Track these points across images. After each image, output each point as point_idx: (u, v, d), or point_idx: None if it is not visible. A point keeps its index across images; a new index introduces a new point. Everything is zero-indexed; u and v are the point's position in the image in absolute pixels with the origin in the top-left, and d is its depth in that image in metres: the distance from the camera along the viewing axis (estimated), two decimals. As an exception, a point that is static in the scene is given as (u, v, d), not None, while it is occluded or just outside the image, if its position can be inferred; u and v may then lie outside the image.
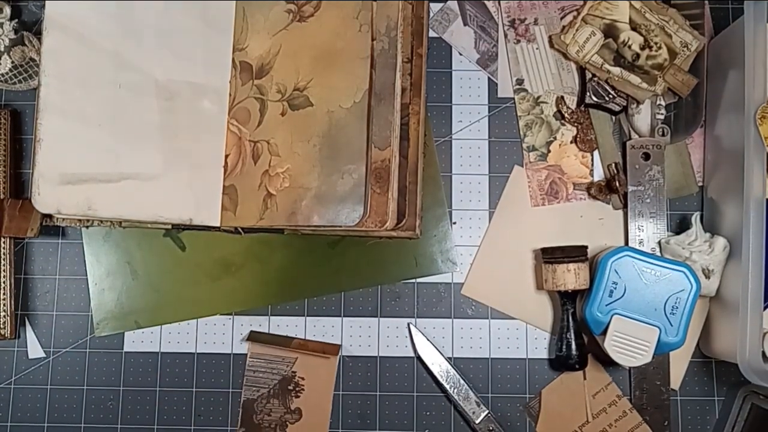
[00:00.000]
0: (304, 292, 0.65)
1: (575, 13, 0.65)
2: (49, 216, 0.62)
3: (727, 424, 0.61)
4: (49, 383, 0.64)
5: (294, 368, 0.59)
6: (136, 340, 0.65)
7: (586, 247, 0.61)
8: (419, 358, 0.64)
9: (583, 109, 0.65)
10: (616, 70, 0.63)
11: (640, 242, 0.63)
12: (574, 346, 0.61)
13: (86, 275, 0.65)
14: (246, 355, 0.62)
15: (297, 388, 0.59)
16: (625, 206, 0.64)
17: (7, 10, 0.63)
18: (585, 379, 0.63)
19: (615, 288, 0.58)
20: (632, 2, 0.63)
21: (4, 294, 0.63)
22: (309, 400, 0.58)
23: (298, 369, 0.59)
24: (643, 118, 0.64)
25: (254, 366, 0.59)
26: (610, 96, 0.64)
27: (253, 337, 0.63)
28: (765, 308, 0.56)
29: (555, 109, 0.66)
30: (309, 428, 0.59)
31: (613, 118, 0.65)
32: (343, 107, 0.54)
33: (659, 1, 0.64)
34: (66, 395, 0.64)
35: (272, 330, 0.65)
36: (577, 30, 0.64)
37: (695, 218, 0.62)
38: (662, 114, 0.63)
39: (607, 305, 0.58)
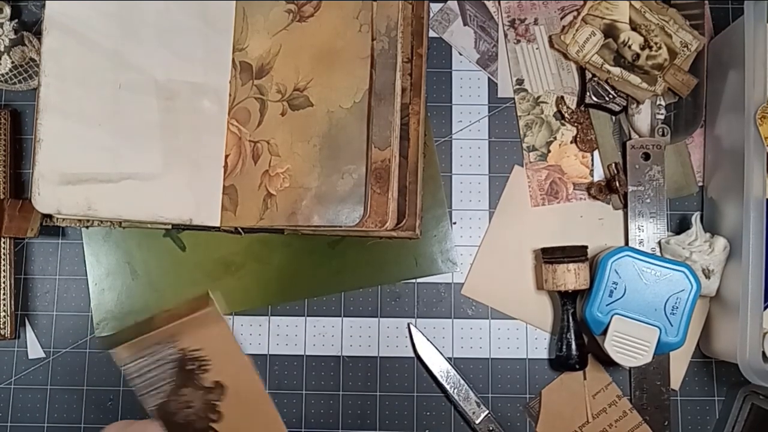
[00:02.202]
0: (304, 292, 0.65)
1: (575, 13, 0.65)
2: (49, 216, 0.62)
3: (727, 424, 0.61)
4: (48, 383, 0.64)
5: (180, 345, 0.49)
6: (136, 340, 0.65)
7: (586, 247, 0.61)
8: (419, 359, 0.64)
9: (583, 109, 0.65)
10: (616, 70, 0.63)
11: (640, 242, 0.63)
12: (574, 346, 0.61)
13: (86, 275, 0.65)
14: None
15: (199, 363, 0.49)
16: (625, 206, 0.64)
17: (7, 10, 0.63)
18: (585, 379, 0.63)
19: (615, 288, 0.58)
20: (632, 2, 0.63)
21: (4, 294, 0.63)
22: (221, 367, 0.49)
23: (185, 343, 0.49)
24: (643, 118, 0.64)
25: (135, 371, 0.50)
26: (610, 96, 0.64)
27: (110, 341, 0.53)
28: (765, 308, 0.56)
29: (555, 109, 0.66)
30: (243, 395, 0.50)
31: (613, 118, 0.65)
32: (343, 107, 0.54)
33: (659, 1, 0.64)
34: (66, 395, 0.64)
35: (272, 330, 0.65)
36: (577, 30, 0.64)
37: (695, 218, 0.62)
38: (662, 114, 0.63)
39: (607, 305, 0.58)
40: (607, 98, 0.64)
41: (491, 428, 0.62)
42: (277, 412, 0.46)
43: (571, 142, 0.66)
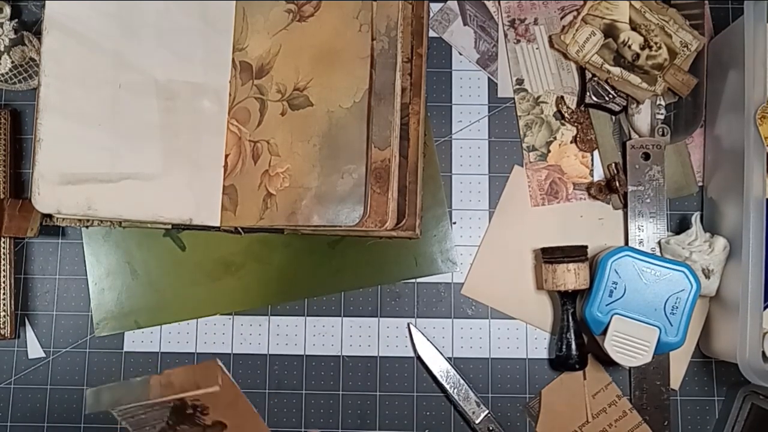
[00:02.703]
0: (304, 292, 0.65)
1: (575, 13, 0.65)
2: (49, 216, 0.62)
3: (727, 424, 0.61)
4: (48, 383, 0.64)
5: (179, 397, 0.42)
6: (136, 340, 0.65)
7: (586, 247, 0.61)
8: (419, 358, 0.64)
9: (583, 109, 0.65)
10: (616, 70, 0.63)
11: (640, 242, 0.63)
12: (574, 346, 0.61)
13: (86, 275, 0.65)
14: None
15: (198, 410, 0.43)
16: (625, 206, 0.64)
17: (7, 10, 0.63)
18: (585, 379, 0.63)
19: (615, 288, 0.58)
20: (632, 2, 0.63)
21: (4, 294, 0.63)
22: (223, 411, 0.43)
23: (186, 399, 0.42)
24: (643, 118, 0.64)
25: (126, 413, 0.42)
26: (610, 96, 0.64)
27: (97, 400, 0.43)
28: (765, 308, 0.56)
29: (555, 109, 0.66)
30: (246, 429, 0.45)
31: (613, 118, 0.65)
32: (343, 107, 0.54)
33: (659, 1, 0.64)
34: (66, 395, 0.64)
35: (272, 330, 0.65)
36: (577, 30, 0.64)
37: (695, 218, 0.62)
38: (662, 114, 0.63)
39: (607, 305, 0.58)
40: (607, 98, 0.64)
41: (491, 428, 0.62)
42: None
43: (571, 142, 0.66)
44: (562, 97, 0.66)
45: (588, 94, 0.64)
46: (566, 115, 0.65)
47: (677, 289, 0.57)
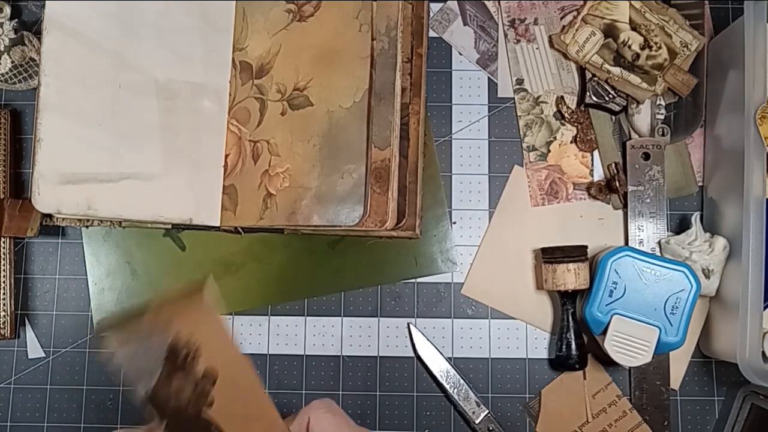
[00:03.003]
0: (304, 292, 0.65)
1: (575, 13, 0.65)
2: (49, 216, 0.62)
3: (727, 424, 0.61)
4: (48, 383, 0.64)
5: (171, 331, 0.45)
6: (136, 340, 0.65)
7: (586, 247, 0.61)
8: (419, 358, 0.64)
9: (583, 109, 0.65)
10: (616, 70, 0.63)
11: (640, 242, 0.63)
12: (574, 346, 0.61)
13: (86, 275, 0.65)
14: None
15: (190, 350, 0.45)
16: (625, 206, 0.64)
17: (7, 10, 0.63)
18: (585, 379, 0.63)
19: (615, 288, 0.58)
20: (632, 2, 0.63)
21: (4, 294, 0.63)
22: (212, 354, 0.46)
23: (176, 328, 0.45)
24: (643, 118, 0.64)
25: (126, 357, 0.45)
26: (610, 96, 0.64)
27: (102, 325, 0.49)
28: (765, 308, 0.56)
29: (555, 109, 0.66)
30: (235, 381, 0.46)
31: (613, 118, 0.65)
32: (343, 107, 0.54)
33: (659, 1, 0.64)
34: (66, 395, 0.64)
35: (272, 330, 0.65)
36: (577, 30, 0.64)
37: (695, 218, 0.62)
38: (662, 114, 0.63)
39: (607, 305, 0.58)
40: (607, 98, 0.64)
41: (491, 428, 0.62)
42: (269, 398, 0.45)
43: (571, 142, 0.66)
44: (562, 97, 0.66)
45: (588, 94, 0.64)
46: (566, 115, 0.65)
47: (677, 289, 0.57)
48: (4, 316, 0.63)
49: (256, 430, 0.45)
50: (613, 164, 0.64)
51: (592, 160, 0.66)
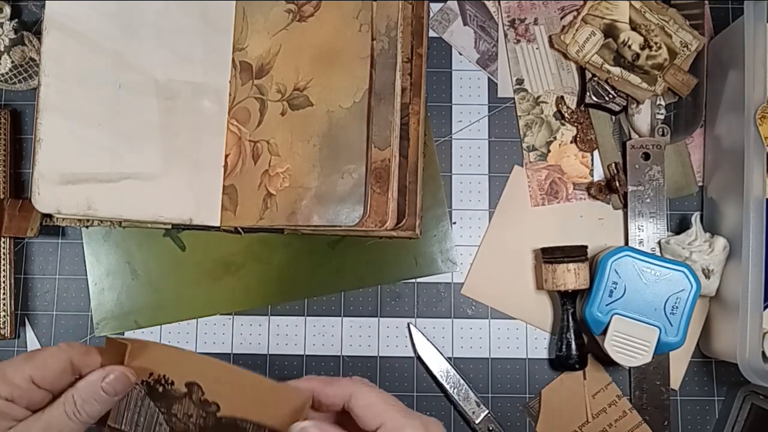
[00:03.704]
0: (304, 292, 0.65)
1: (575, 13, 0.65)
2: (49, 216, 0.62)
3: (727, 424, 0.61)
4: (49, 383, 0.64)
5: (133, 381, 0.42)
6: (136, 340, 0.65)
7: (586, 247, 0.61)
8: (419, 358, 0.64)
9: (583, 109, 0.65)
10: (616, 70, 0.63)
11: (640, 242, 0.63)
12: (574, 346, 0.61)
13: (86, 275, 0.65)
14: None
15: (161, 378, 0.44)
16: (625, 206, 0.64)
17: (7, 10, 0.63)
18: (585, 379, 0.63)
19: (615, 288, 0.58)
20: (632, 2, 0.63)
21: (4, 294, 0.63)
22: (181, 371, 0.44)
23: (134, 378, 0.42)
24: (643, 118, 0.64)
25: (128, 427, 0.43)
26: (610, 96, 0.64)
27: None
28: (765, 308, 0.56)
29: (555, 109, 0.66)
30: (218, 377, 0.45)
31: (613, 118, 0.65)
32: (343, 107, 0.54)
33: (659, 1, 0.64)
34: (66, 395, 0.64)
35: (272, 330, 0.65)
36: (577, 30, 0.64)
37: (695, 218, 0.62)
38: (662, 114, 0.63)
39: (607, 305, 0.58)
40: (607, 98, 0.64)
41: (491, 428, 0.62)
42: (250, 371, 0.45)
43: (571, 142, 0.66)
44: (562, 97, 0.66)
45: (588, 94, 0.64)
46: (566, 115, 0.65)
47: (677, 289, 0.58)
48: (4, 316, 0.63)
49: (271, 401, 0.44)
50: (613, 164, 0.64)
51: (592, 160, 0.66)
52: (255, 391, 0.45)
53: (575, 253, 0.60)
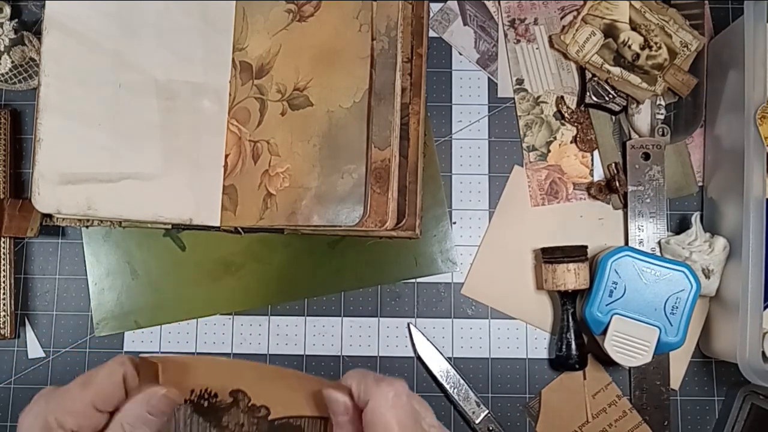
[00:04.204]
0: (304, 292, 0.65)
1: (575, 13, 0.65)
2: (49, 216, 0.62)
3: (727, 424, 0.61)
4: (49, 383, 0.64)
5: (179, 398, 0.41)
6: (136, 340, 0.65)
7: (586, 247, 0.61)
8: (419, 358, 0.64)
9: (583, 109, 0.65)
10: (616, 70, 0.63)
11: (640, 242, 0.63)
12: (574, 346, 0.61)
13: (86, 275, 0.65)
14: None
15: (203, 392, 0.43)
16: (625, 206, 0.64)
17: (7, 10, 0.63)
18: (585, 379, 0.63)
19: (615, 288, 0.58)
20: (632, 2, 0.63)
21: (4, 294, 0.63)
22: (221, 382, 0.43)
23: (179, 393, 0.41)
24: (643, 118, 0.64)
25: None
26: (610, 96, 0.64)
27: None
28: (765, 308, 0.56)
29: (555, 109, 0.66)
30: (260, 381, 0.43)
31: (613, 118, 0.65)
32: (343, 107, 0.54)
33: (659, 1, 0.64)
34: (66, 395, 0.64)
35: (272, 330, 0.65)
36: (577, 30, 0.64)
37: (695, 218, 0.62)
38: (662, 114, 0.63)
39: (607, 305, 0.58)
40: (607, 98, 0.64)
41: (491, 428, 0.62)
42: (280, 367, 0.44)
43: (571, 142, 0.66)
44: (562, 97, 0.66)
45: (588, 94, 0.64)
46: (566, 115, 0.65)
47: (677, 289, 0.58)
48: (4, 316, 0.63)
49: (319, 392, 0.42)
50: (613, 164, 0.64)
51: (592, 160, 0.66)
52: (301, 384, 0.44)
53: (575, 253, 0.60)
